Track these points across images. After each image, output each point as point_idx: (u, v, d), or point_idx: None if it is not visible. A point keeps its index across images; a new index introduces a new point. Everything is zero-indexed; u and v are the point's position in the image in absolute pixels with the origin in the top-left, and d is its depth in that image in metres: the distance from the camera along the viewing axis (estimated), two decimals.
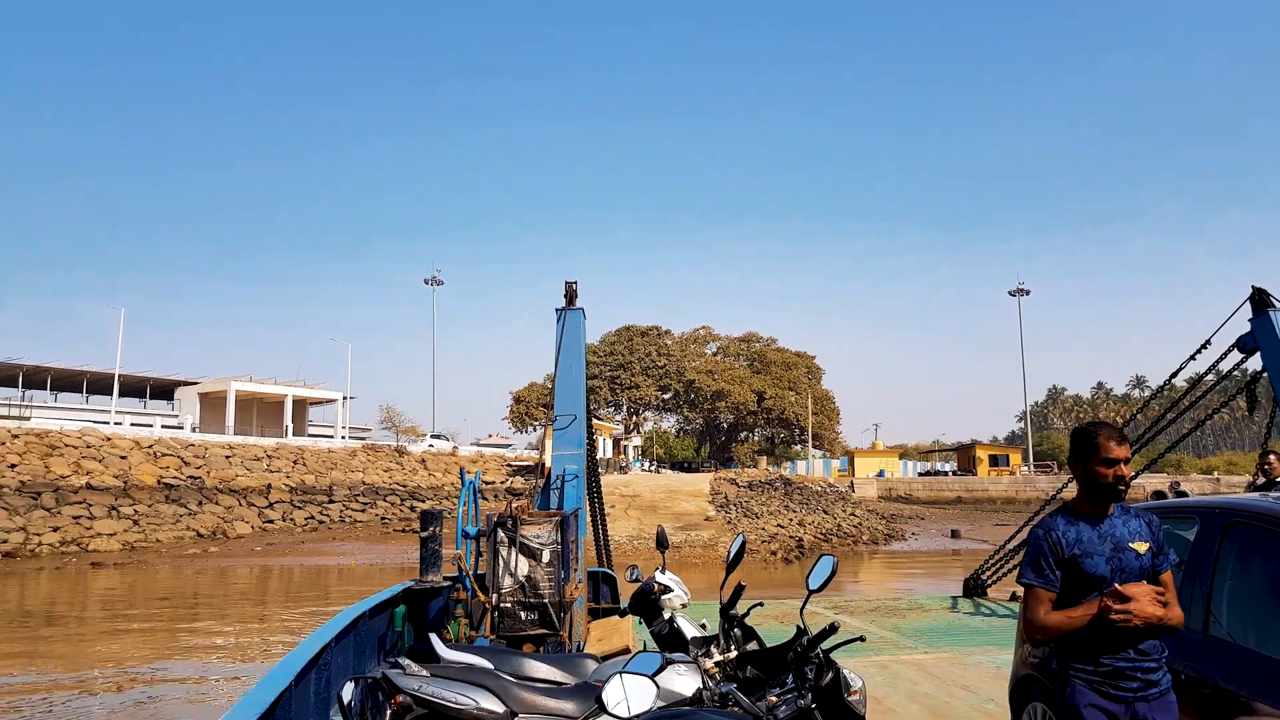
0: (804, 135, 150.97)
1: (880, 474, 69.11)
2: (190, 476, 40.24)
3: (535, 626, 6.64)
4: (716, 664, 4.10)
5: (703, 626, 5.23)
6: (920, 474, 72.54)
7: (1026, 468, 69.07)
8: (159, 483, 38.35)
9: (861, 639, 3.74)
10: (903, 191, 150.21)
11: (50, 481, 34.95)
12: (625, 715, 2.82)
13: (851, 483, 60.57)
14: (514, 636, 6.59)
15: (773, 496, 42.81)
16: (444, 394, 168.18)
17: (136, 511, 35.79)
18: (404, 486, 50.47)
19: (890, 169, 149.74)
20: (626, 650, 6.52)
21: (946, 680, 8.16)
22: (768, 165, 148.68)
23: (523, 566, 6.74)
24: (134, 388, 68.91)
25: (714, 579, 20.93)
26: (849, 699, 3.38)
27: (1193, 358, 12.51)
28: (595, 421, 60.43)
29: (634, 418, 75.47)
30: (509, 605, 6.66)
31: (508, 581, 6.70)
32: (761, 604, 5.04)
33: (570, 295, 9.56)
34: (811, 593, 3.78)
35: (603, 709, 2.85)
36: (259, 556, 32.29)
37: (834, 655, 3.47)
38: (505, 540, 6.73)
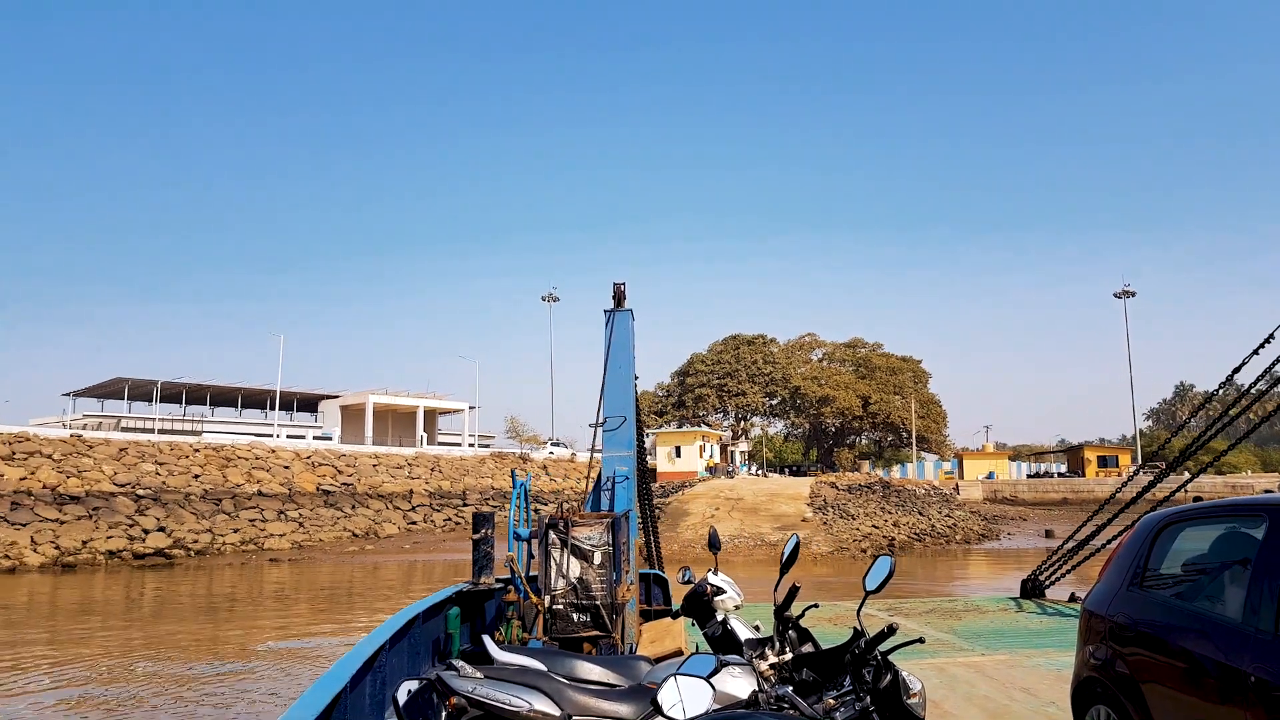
0: (899, 144, 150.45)
1: (989, 476, 69.86)
2: (344, 483, 45.50)
3: (588, 628, 6.64)
4: (771, 666, 4.03)
5: (756, 628, 5.21)
6: (1028, 476, 72.95)
7: (1134, 468, 68.61)
8: (318, 489, 43.68)
9: (921, 640, 3.66)
10: (1012, 194, 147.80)
11: (228, 489, 40.51)
12: (681, 717, 2.81)
13: (956, 485, 61.90)
14: (567, 638, 6.59)
15: (870, 499, 45.18)
16: (561, 402, 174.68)
17: (301, 515, 41.06)
18: (529, 490, 54.90)
19: (1006, 172, 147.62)
20: (679, 653, 6.48)
21: (1005, 683, 8.02)
22: (864, 175, 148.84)
23: (574, 568, 6.76)
24: (283, 402, 75.93)
25: (805, 574, 24.17)
26: (908, 702, 3.30)
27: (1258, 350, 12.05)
28: (703, 428, 63.76)
29: (741, 423, 78.24)
30: (561, 607, 6.67)
31: (560, 583, 6.73)
32: (817, 605, 5.01)
33: (619, 297, 9.24)
34: (868, 594, 3.66)
35: (658, 711, 2.86)
36: (407, 554, 36.88)
37: (891, 658, 3.38)
38: (557, 542, 6.77)
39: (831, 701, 3.20)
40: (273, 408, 70.61)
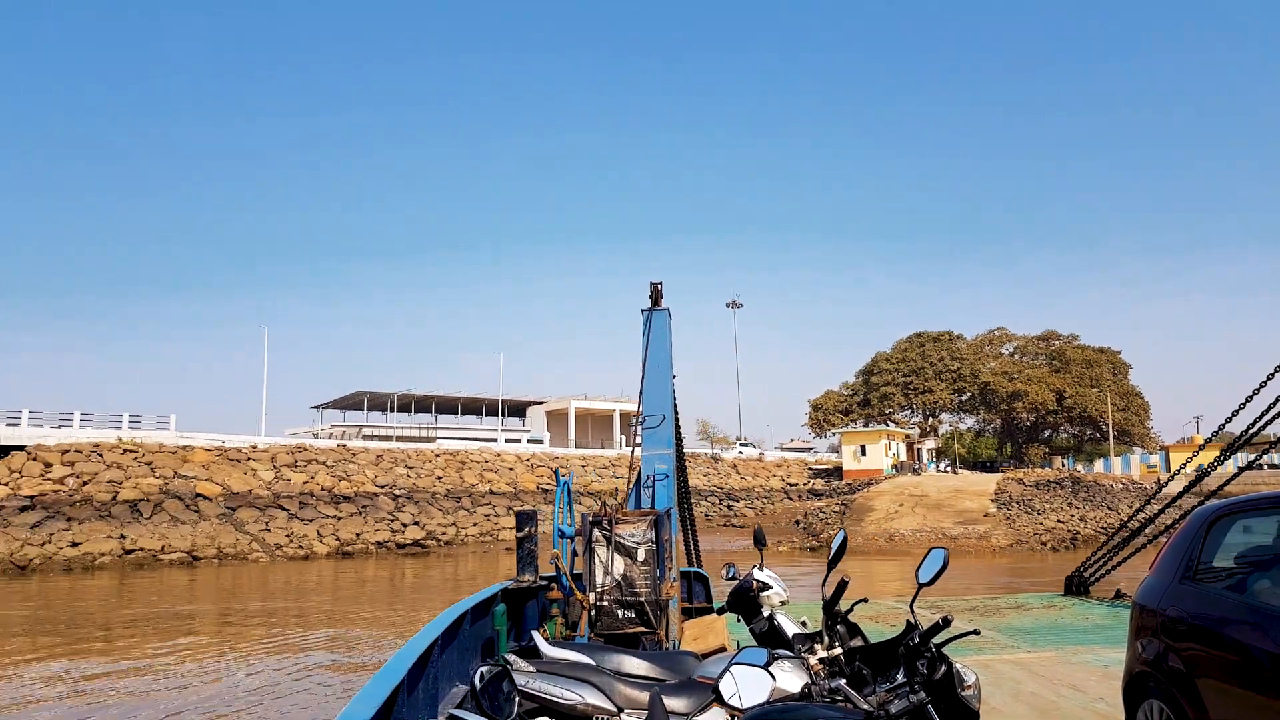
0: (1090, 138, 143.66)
1: (1199, 468, 67.27)
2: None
3: (633, 624, 6.67)
4: (821, 660, 4.03)
5: (803, 624, 5.22)
6: (1236, 468, 69.81)
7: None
8: (537, 488, 49.35)
9: (976, 632, 3.64)
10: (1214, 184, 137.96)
11: (465, 489, 46.72)
12: (740, 706, 2.80)
13: (1158, 478, 60.74)
14: (613, 634, 6.61)
15: (1057, 494, 46.14)
16: (747, 402, 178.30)
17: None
18: (720, 488, 58.89)
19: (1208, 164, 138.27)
20: (722, 649, 6.46)
21: (1052, 679, 7.98)
22: (1064, 172, 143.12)
23: (618, 565, 6.76)
24: (494, 408, 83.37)
25: (984, 564, 27.17)
26: (963, 694, 3.25)
27: None
28: (889, 427, 65.45)
29: (929, 421, 78.90)
30: (606, 603, 6.69)
31: (604, 580, 6.74)
32: (865, 600, 5.00)
33: (655, 296, 9.16)
34: (921, 586, 3.55)
35: (719, 700, 2.86)
36: None
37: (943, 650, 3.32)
38: (601, 539, 6.81)
39: (885, 694, 3.13)
40: (489, 414, 78.03)
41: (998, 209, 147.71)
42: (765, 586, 5.66)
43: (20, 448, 39.55)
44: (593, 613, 6.74)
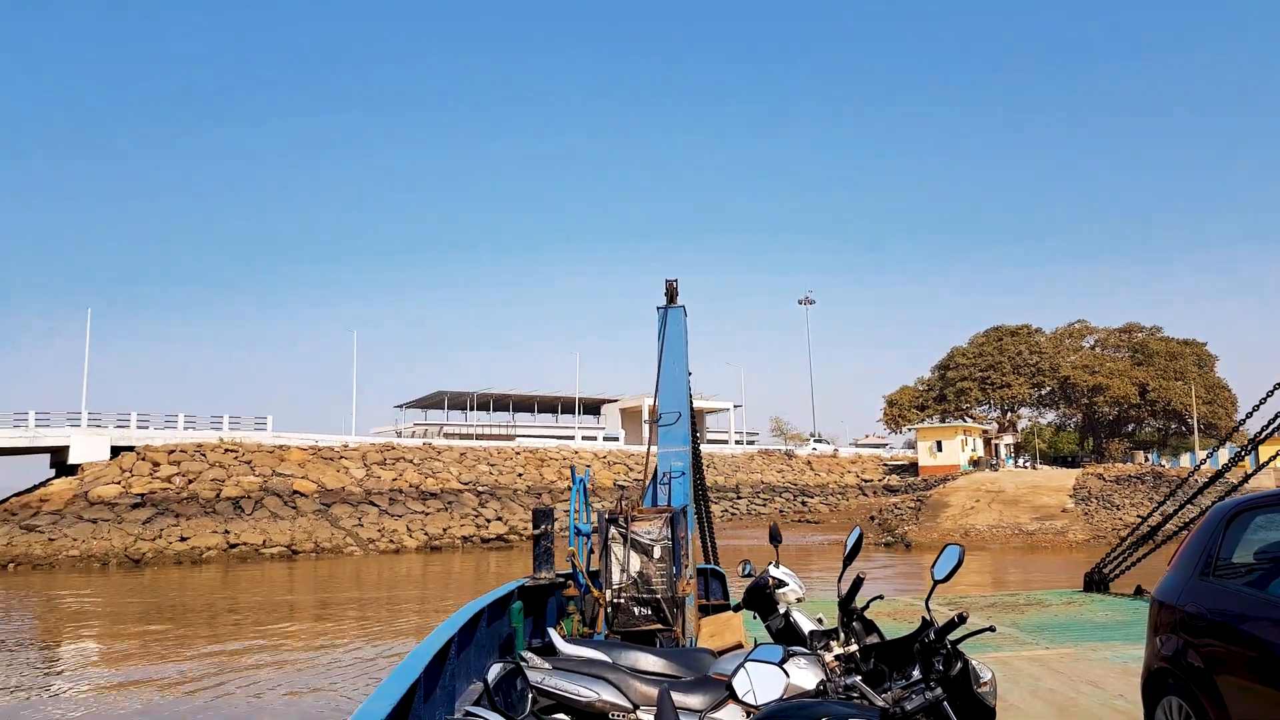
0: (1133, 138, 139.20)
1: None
2: (634, 479, 52.12)
3: (649, 622, 6.66)
4: (837, 657, 4.02)
5: (819, 621, 5.19)
6: None
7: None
8: (614, 484, 50.53)
9: (991, 629, 3.62)
10: None
11: (545, 485, 48.13)
12: (754, 703, 2.84)
13: (1246, 472, 59.16)
14: (629, 631, 6.63)
15: (1138, 489, 45.52)
16: (821, 397, 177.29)
17: (604, 506, 47.94)
18: (795, 485, 59.32)
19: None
20: (739, 646, 6.48)
21: (1071, 676, 7.94)
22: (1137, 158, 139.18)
23: (635, 562, 6.75)
24: (569, 406, 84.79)
25: (1060, 559, 27.42)
26: (979, 690, 3.24)
27: None
28: (965, 422, 64.97)
29: (1007, 416, 77.89)
30: (623, 601, 6.69)
31: (620, 577, 6.75)
32: (881, 597, 4.96)
33: (671, 293, 9.14)
34: (937, 583, 3.55)
35: (732, 697, 2.87)
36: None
37: (959, 647, 3.34)
38: (617, 537, 6.82)
39: (900, 691, 3.10)
40: (564, 412, 79.58)
41: (1079, 201, 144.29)
42: (781, 583, 5.65)
43: (130, 448, 42.18)
44: (609, 610, 6.74)
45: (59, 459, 43.52)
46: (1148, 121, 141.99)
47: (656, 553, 6.82)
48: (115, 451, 42.18)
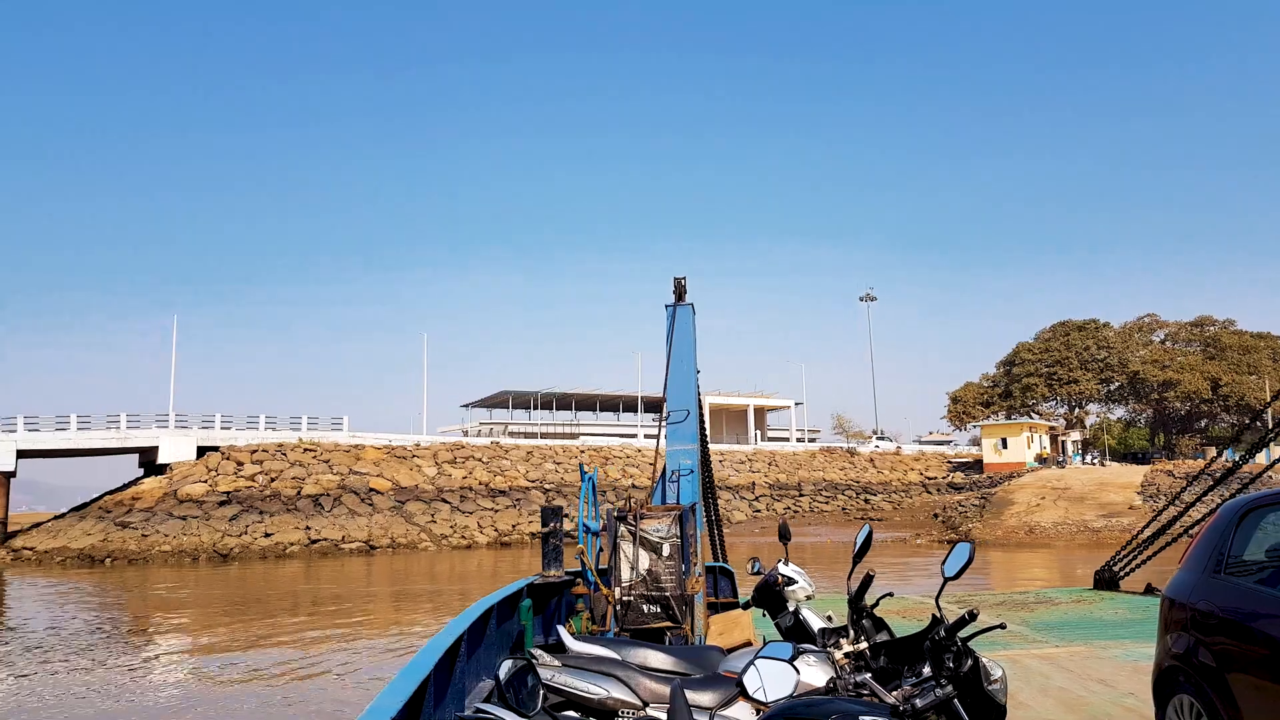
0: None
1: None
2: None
3: (658, 619, 6.67)
4: (847, 655, 4.03)
5: (829, 619, 5.21)
6: None
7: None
8: None
9: (1002, 626, 3.62)
10: None
11: (609, 483, 49.07)
12: (765, 700, 2.81)
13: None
14: (639, 629, 6.64)
15: (1207, 485, 44.79)
16: (884, 395, 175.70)
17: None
18: (857, 482, 59.42)
19: None
20: (748, 644, 6.51)
21: (1081, 674, 7.92)
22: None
23: (644, 560, 6.76)
24: (631, 405, 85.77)
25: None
26: (990, 688, 3.24)
27: None
28: (1031, 419, 64.35)
29: (1074, 412, 76.78)
30: (632, 599, 6.70)
31: (630, 575, 6.75)
32: (891, 594, 5.05)
33: (679, 291, 9.08)
34: (947, 580, 3.54)
35: (743, 694, 2.88)
36: (757, 535, 43.08)
37: (970, 645, 3.33)
38: (626, 534, 6.83)
39: (911, 688, 3.10)
40: (626, 411, 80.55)
41: (1148, 196, 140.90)
42: (790, 581, 5.64)
43: (215, 448, 44.19)
44: (618, 608, 6.75)
45: (147, 458, 45.79)
46: (1218, 116, 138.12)
47: (665, 550, 6.84)
48: (201, 451, 44.22)
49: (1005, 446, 59.62)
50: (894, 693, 3.08)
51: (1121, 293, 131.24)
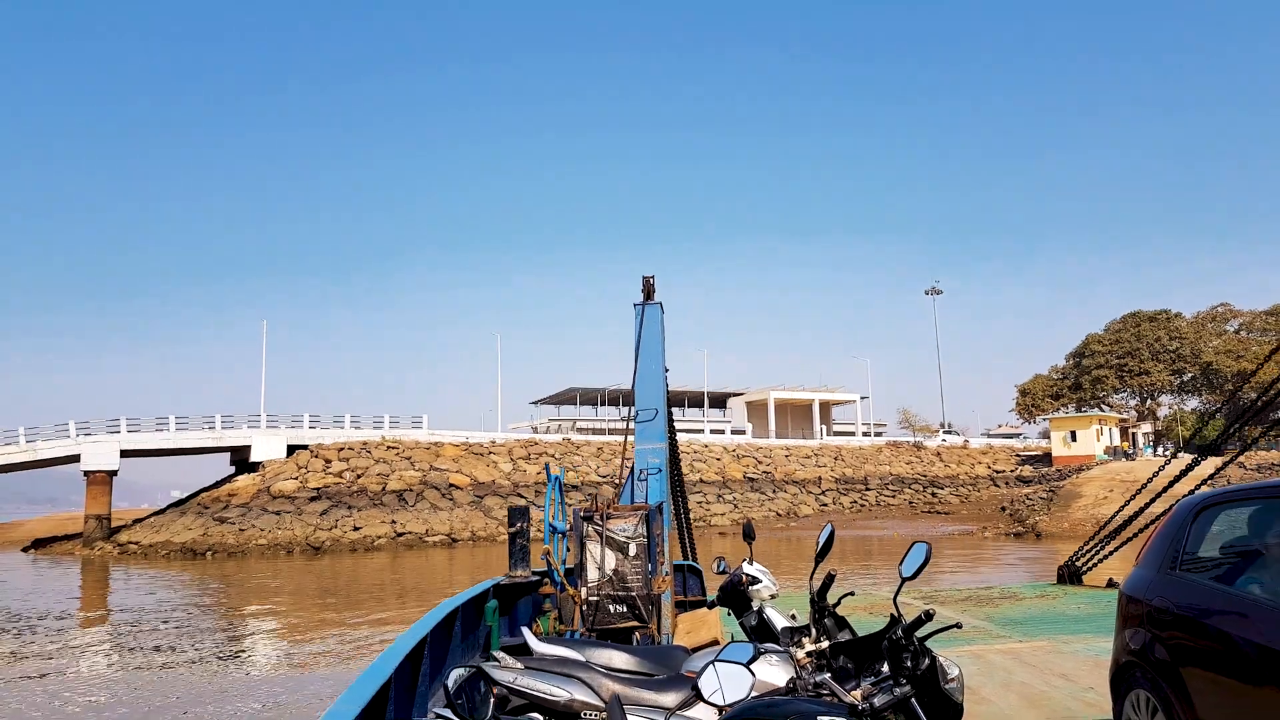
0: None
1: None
2: (763, 471, 53.86)
3: (625, 619, 6.69)
4: (809, 654, 4.04)
5: (793, 617, 5.26)
6: None
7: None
8: (744, 477, 52.37)
9: (958, 625, 3.67)
10: None
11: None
12: (721, 704, 2.83)
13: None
14: (605, 629, 6.66)
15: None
16: (951, 388, 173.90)
17: (735, 498, 49.91)
18: (924, 476, 59.74)
19: None
20: (715, 643, 6.55)
21: (1043, 669, 8.01)
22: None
23: (610, 560, 6.77)
24: (696, 400, 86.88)
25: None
26: (946, 687, 3.29)
27: None
28: (1100, 411, 63.88)
29: (1145, 404, 75.78)
30: (599, 599, 6.71)
31: (597, 575, 6.76)
32: (853, 593, 5.10)
33: (648, 290, 9.12)
34: (905, 580, 3.57)
35: (699, 697, 2.86)
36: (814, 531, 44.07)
37: (929, 643, 3.33)
38: (593, 534, 6.82)
39: (869, 687, 3.09)
40: (692, 406, 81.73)
41: (1221, 185, 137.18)
42: (754, 580, 5.69)
43: (304, 447, 46.55)
44: (585, 608, 6.75)
45: (239, 457, 48.40)
46: None
47: (632, 550, 6.82)
48: (290, 450, 46.63)
49: (1074, 439, 59.30)
50: (853, 692, 3.11)
51: (1192, 281, 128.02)
